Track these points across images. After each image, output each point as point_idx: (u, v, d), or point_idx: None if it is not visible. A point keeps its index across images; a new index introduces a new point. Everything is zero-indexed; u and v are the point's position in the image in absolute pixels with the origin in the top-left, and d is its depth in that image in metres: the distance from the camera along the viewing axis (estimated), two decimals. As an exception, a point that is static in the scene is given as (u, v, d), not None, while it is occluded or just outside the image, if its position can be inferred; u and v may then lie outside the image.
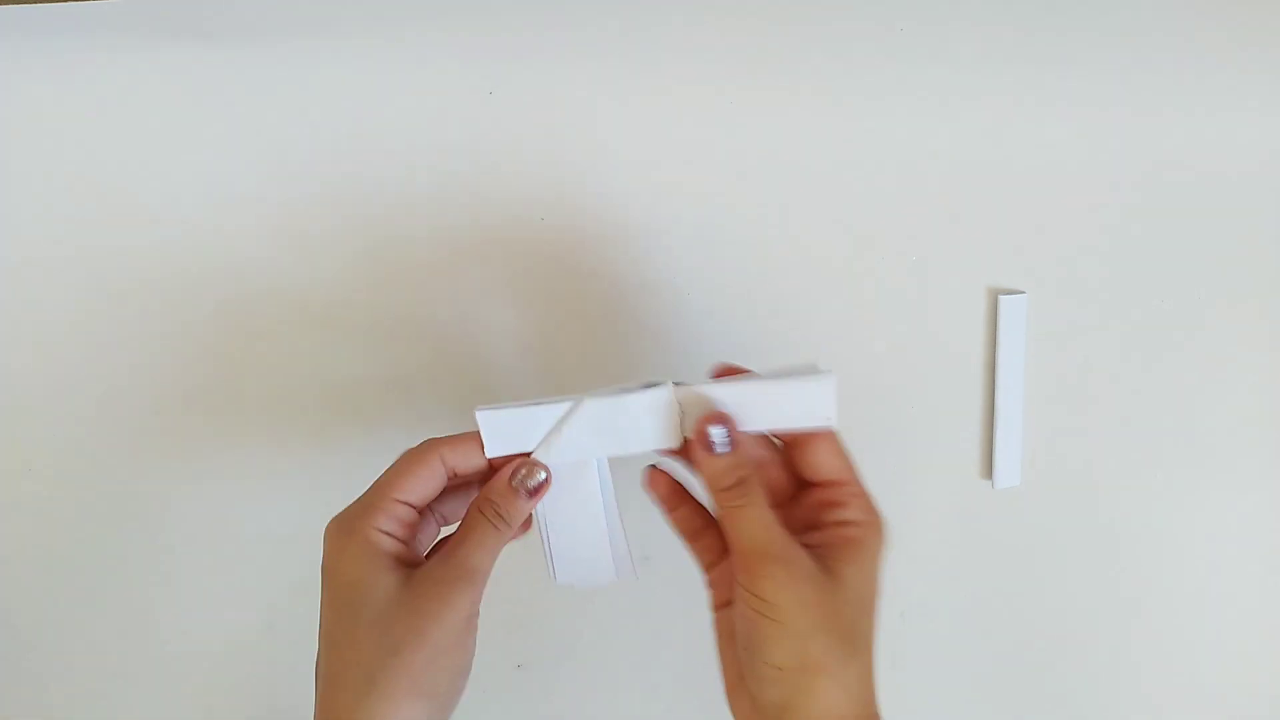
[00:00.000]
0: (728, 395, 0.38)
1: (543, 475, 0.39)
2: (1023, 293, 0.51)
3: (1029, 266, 0.51)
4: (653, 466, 0.41)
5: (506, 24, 0.47)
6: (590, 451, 0.39)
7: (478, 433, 0.39)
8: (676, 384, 0.38)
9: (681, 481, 0.42)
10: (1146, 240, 0.51)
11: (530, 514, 0.40)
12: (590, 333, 0.50)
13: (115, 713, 0.54)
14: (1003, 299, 0.50)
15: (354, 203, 0.49)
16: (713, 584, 0.41)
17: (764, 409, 0.38)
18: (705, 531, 0.42)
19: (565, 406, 0.38)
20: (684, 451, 0.40)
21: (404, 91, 0.48)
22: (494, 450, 0.39)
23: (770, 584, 0.36)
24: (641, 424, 0.39)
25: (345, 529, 0.37)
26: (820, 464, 0.39)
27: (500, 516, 0.39)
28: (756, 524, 0.37)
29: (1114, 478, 0.53)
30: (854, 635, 0.36)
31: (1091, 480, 0.53)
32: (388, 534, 0.38)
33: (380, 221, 0.49)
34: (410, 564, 0.38)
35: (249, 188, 0.49)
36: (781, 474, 0.40)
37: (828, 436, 0.39)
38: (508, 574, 0.53)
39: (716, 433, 0.38)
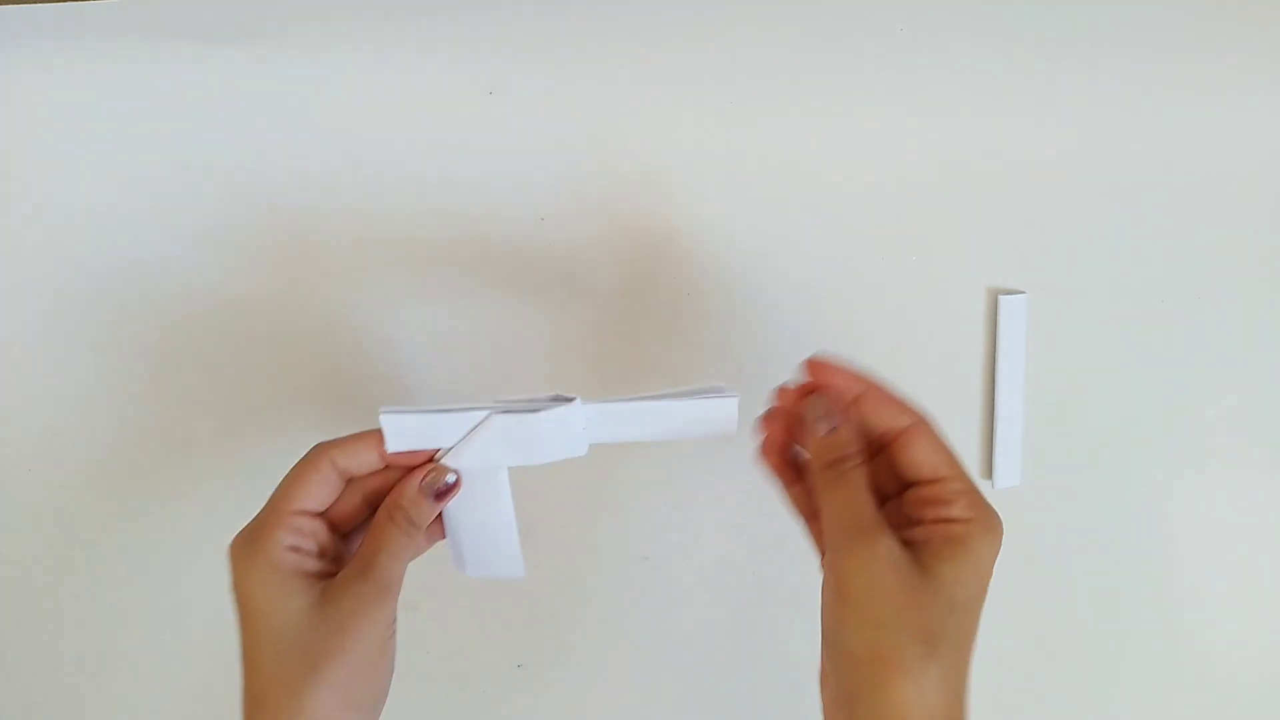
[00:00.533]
0: (634, 411, 0.39)
1: (451, 478, 0.39)
2: (1023, 293, 0.51)
3: (1029, 267, 0.51)
4: (767, 442, 0.41)
5: (506, 24, 0.47)
6: (498, 461, 0.40)
7: (369, 432, 0.39)
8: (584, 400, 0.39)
9: (794, 460, 0.41)
10: (1146, 240, 0.51)
11: (438, 517, 0.41)
12: (590, 333, 0.50)
13: (115, 713, 0.54)
14: (1003, 299, 0.50)
15: (353, 203, 0.49)
16: (825, 568, 0.40)
17: (669, 423, 0.39)
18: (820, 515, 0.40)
19: (472, 416, 0.39)
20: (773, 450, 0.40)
21: (404, 91, 0.48)
22: (394, 446, 0.39)
23: (851, 564, 0.35)
24: (549, 437, 0.39)
25: (248, 550, 0.37)
26: (920, 461, 0.37)
27: (410, 521, 0.39)
28: (846, 502, 0.36)
29: (1114, 477, 0.53)
30: (938, 635, 0.34)
31: (1091, 480, 0.53)
32: (293, 549, 0.37)
33: (379, 222, 0.49)
34: (320, 576, 0.38)
35: (247, 188, 0.49)
36: (879, 470, 0.39)
37: (924, 431, 0.37)
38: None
39: (817, 410, 0.37)
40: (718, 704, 0.54)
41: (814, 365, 0.39)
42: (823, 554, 0.39)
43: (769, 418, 0.40)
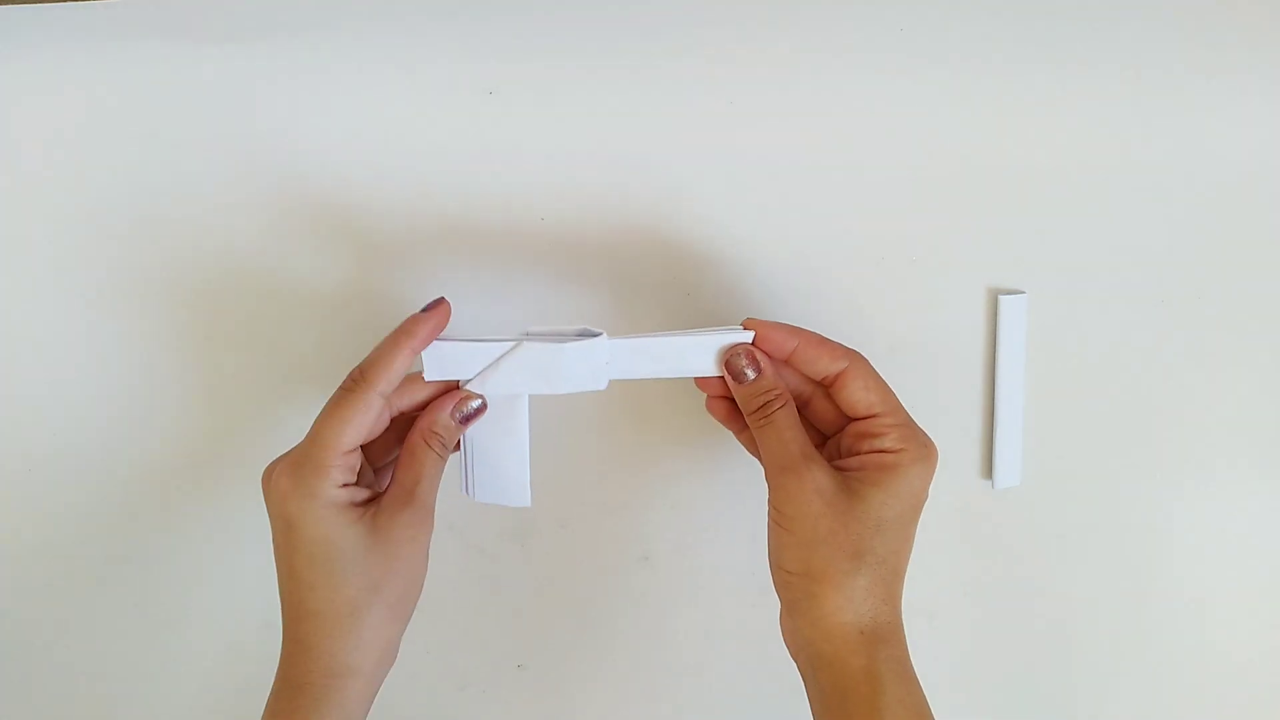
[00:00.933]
0: (654, 345, 0.42)
1: (477, 403, 0.43)
2: (1023, 293, 0.51)
3: (1029, 267, 0.51)
4: (712, 397, 0.45)
5: (506, 23, 0.47)
6: (522, 388, 0.42)
7: (414, 373, 0.42)
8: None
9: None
10: (1147, 240, 0.51)
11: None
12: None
13: (115, 711, 0.54)
14: (1003, 299, 0.50)
15: (352, 203, 0.49)
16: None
17: (686, 358, 0.42)
18: None
19: (505, 346, 0.42)
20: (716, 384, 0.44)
21: (403, 91, 0.48)
22: (432, 375, 0.42)
23: (782, 494, 0.40)
24: (573, 369, 0.42)
25: (298, 481, 0.39)
26: (855, 400, 0.41)
27: (444, 446, 0.42)
28: (776, 440, 0.41)
29: (1115, 478, 0.53)
30: (864, 551, 0.39)
31: (1092, 480, 0.53)
32: (344, 485, 0.40)
33: (378, 222, 0.49)
34: (366, 504, 0.41)
35: (247, 187, 0.49)
36: (828, 407, 0.43)
37: (858, 373, 0.41)
38: (508, 576, 0.53)
39: (739, 362, 0.42)
40: (718, 705, 0.54)
41: (749, 324, 0.43)
42: None
43: (705, 378, 0.44)
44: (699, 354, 0.43)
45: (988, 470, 0.52)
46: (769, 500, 0.41)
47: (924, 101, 0.49)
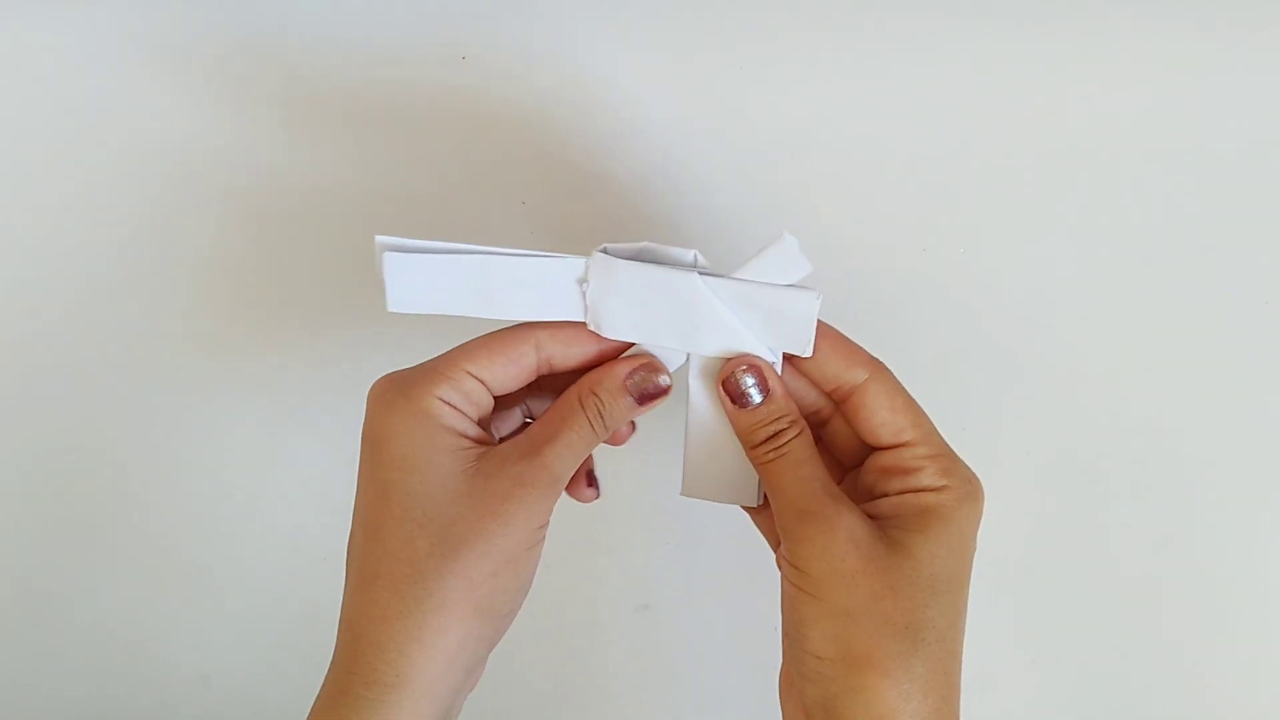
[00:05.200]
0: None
1: (665, 381, 0.35)
2: None
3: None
4: None
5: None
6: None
7: (583, 324, 0.35)
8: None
9: None
10: (1149, 242, 0.47)
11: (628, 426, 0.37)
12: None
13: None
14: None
15: (312, 183, 0.46)
16: (781, 561, 0.39)
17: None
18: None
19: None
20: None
21: (366, 56, 0.45)
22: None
23: (806, 549, 0.32)
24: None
25: (398, 389, 0.33)
26: (877, 423, 0.34)
27: (600, 416, 0.34)
28: (792, 478, 0.34)
29: (1116, 478, 0.49)
30: (919, 625, 0.31)
31: (1094, 481, 0.49)
32: (448, 403, 0.33)
33: (339, 205, 0.46)
34: (477, 444, 0.34)
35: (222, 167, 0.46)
36: (850, 433, 0.36)
37: (881, 387, 0.34)
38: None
39: (746, 381, 0.34)
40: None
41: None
42: (776, 546, 0.37)
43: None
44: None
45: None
46: (784, 558, 0.34)
47: (984, 59, 0.45)
